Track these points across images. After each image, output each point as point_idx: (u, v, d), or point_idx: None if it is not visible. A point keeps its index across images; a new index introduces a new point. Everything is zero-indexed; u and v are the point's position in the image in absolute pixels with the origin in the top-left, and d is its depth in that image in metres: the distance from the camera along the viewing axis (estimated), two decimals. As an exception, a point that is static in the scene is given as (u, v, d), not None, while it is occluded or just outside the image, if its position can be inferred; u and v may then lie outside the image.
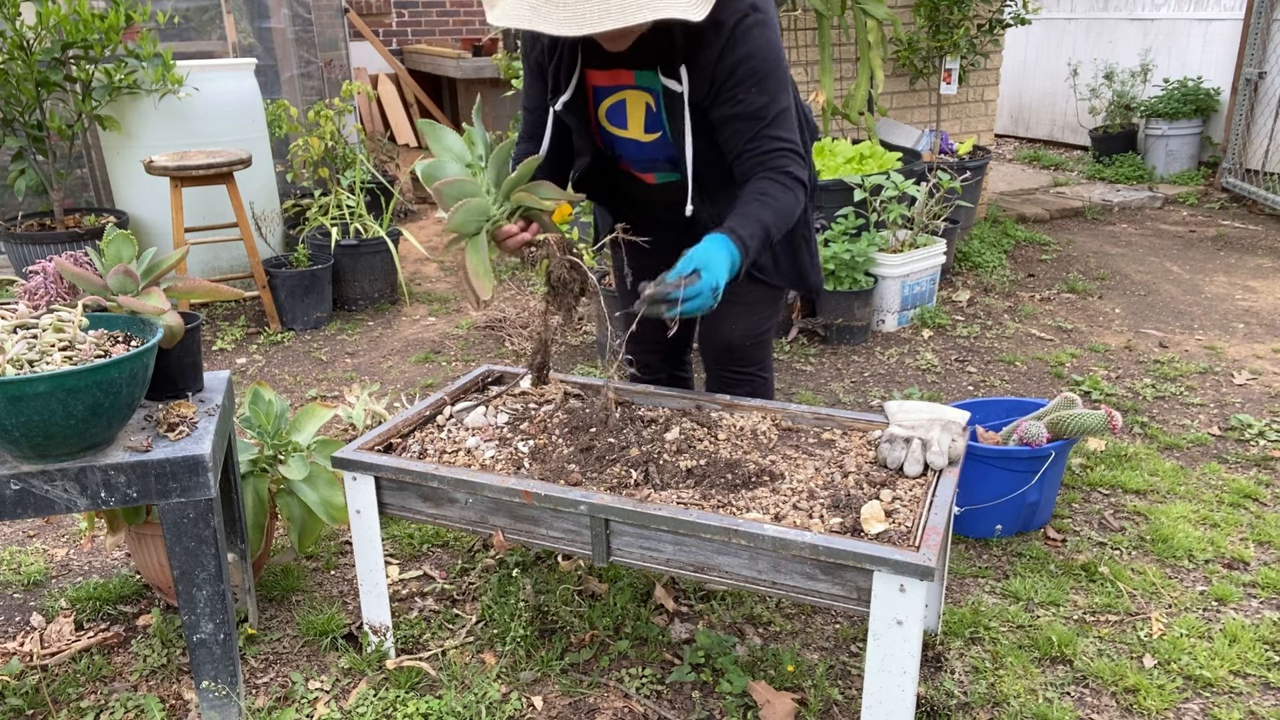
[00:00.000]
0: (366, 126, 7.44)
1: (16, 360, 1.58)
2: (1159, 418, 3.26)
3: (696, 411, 2.13)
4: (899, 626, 1.53)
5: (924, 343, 3.99)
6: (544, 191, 1.89)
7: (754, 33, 1.81)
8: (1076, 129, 8.09)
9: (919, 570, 1.48)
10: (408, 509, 1.96)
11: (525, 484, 1.80)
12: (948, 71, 5.11)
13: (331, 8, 5.82)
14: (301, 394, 3.58)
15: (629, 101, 1.99)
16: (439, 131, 1.89)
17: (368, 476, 1.94)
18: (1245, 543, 2.51)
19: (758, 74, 1.83)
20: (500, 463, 1.93)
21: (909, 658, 1.54)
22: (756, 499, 1.76)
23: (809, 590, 1.61)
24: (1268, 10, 6.11)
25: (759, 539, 1.59)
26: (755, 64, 1.82)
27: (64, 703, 1.99)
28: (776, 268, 2.19)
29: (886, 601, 1.53)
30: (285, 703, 1.98)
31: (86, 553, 2.57)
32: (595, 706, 1.95)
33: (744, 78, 1.83)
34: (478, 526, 1.90)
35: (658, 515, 1.67)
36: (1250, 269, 5.00)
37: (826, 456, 1.93)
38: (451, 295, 4.74)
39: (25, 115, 4.08)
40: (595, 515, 1.74)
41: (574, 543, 1.81)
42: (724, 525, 1.62)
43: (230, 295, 2.20)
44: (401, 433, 2.08)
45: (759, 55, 1.82)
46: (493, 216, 1.88)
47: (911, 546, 1.54)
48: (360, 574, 2.04)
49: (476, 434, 2.05)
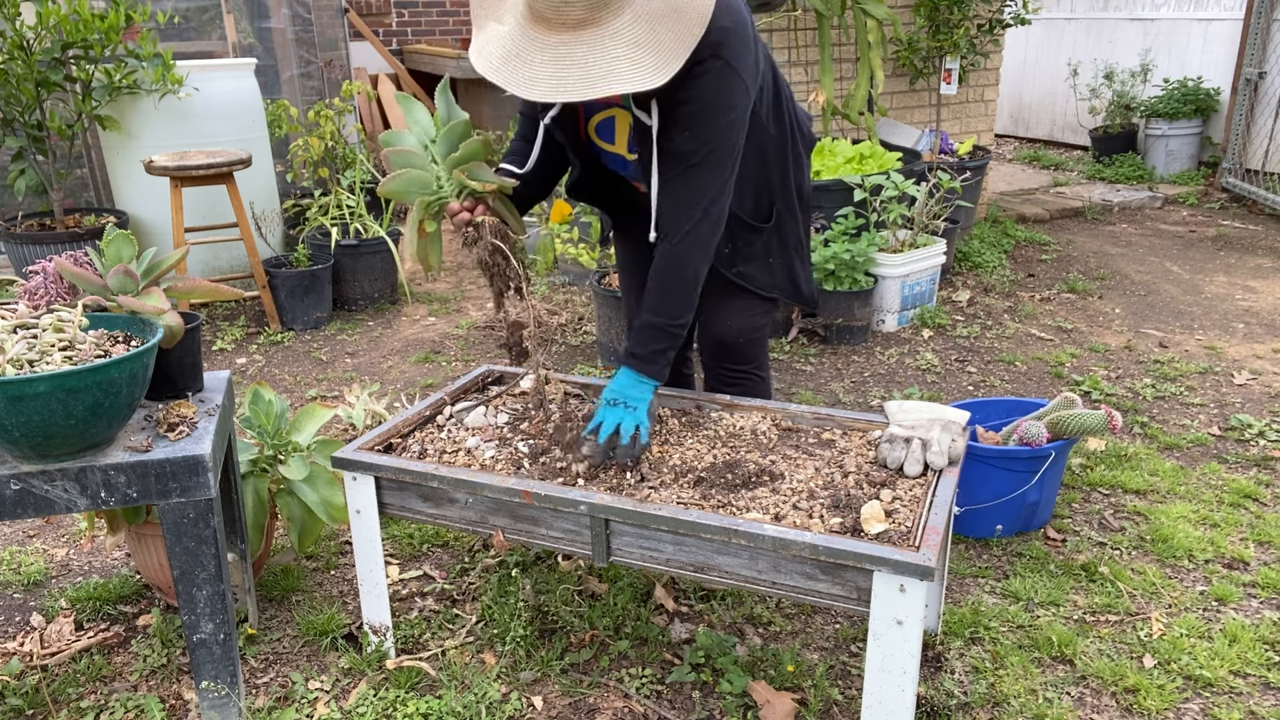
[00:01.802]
0: (366, 126, 7.44)
1: (16, 360, 1.58)
2: (1159, 418, 3.26)
3: (696, 411, 2.13)
4: (899, 626, 1.53)
5: (924, 343, 3.99)
6: (480, 173, 1.90)
7: (703, 80, 1.80)
8: (1076, 129, 8.09)
9: (919, 570, 1.48)
10: (408, 509, 1.96)
11: (525, 484, 1.80)
12: (948, 71, 5.11)
13: (331, 8, 5.82)
14: (301, 394, 3.58)
15: (618, 119, 2.01)
16: (411, 105, 1.92)
17: (368, 476, 1.94)
18: (1245, 543, 2.51)
19: (694, 118, 1.83)
20: (500, 463, 1.92)
21: (909, 658, 1.54)
22: (756, 499, 1.75)
23: (809, 590, 1.61)
24: (1268, 10, 6.11)
25: (759, 539, 1.59)
26: (693, 108, 1.82)
27: (64, 703, 1.99)
28: (771, 280, 2.20)
29: (886, 601, 1.52)
30: (285, 703, 1.98)
31: (86, 553, 2.57)
32: (595, 706, 1.95)
33: (681, 119, 1.83)
34: (478, 526, 1.90)
35: (658, 515, 1.67)
36: (1250, 269, 5.00)
37: (826, 457, 1.93)
38: (452, 295, 4.74)
39: (25, 115, 4.08)
40: (595, 515, 1.73)
41: (574, 543, 1.80)
42: (724, 525, 1.62)
43: (230, 295, 2.20)
44: (401, 433, 2.08)
45: (700, 100, 1.81)
46: (440, 191, 1.90)
47: (911, 546, 1.54)
48: (360, 574, 2.04)
49: (476, 434, 2.05)
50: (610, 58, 1.64)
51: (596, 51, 1.64)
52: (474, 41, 1.78)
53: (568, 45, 1.65)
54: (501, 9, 1.77)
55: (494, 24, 1.76)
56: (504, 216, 1.99)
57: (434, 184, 1.90)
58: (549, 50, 1.66)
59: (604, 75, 1.63)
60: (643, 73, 1.65)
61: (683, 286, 1.92)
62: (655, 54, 1.65)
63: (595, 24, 1.65)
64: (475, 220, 1.93)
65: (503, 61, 1.70)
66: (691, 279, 1.92)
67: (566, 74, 1.65)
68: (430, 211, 1.93)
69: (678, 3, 1.69)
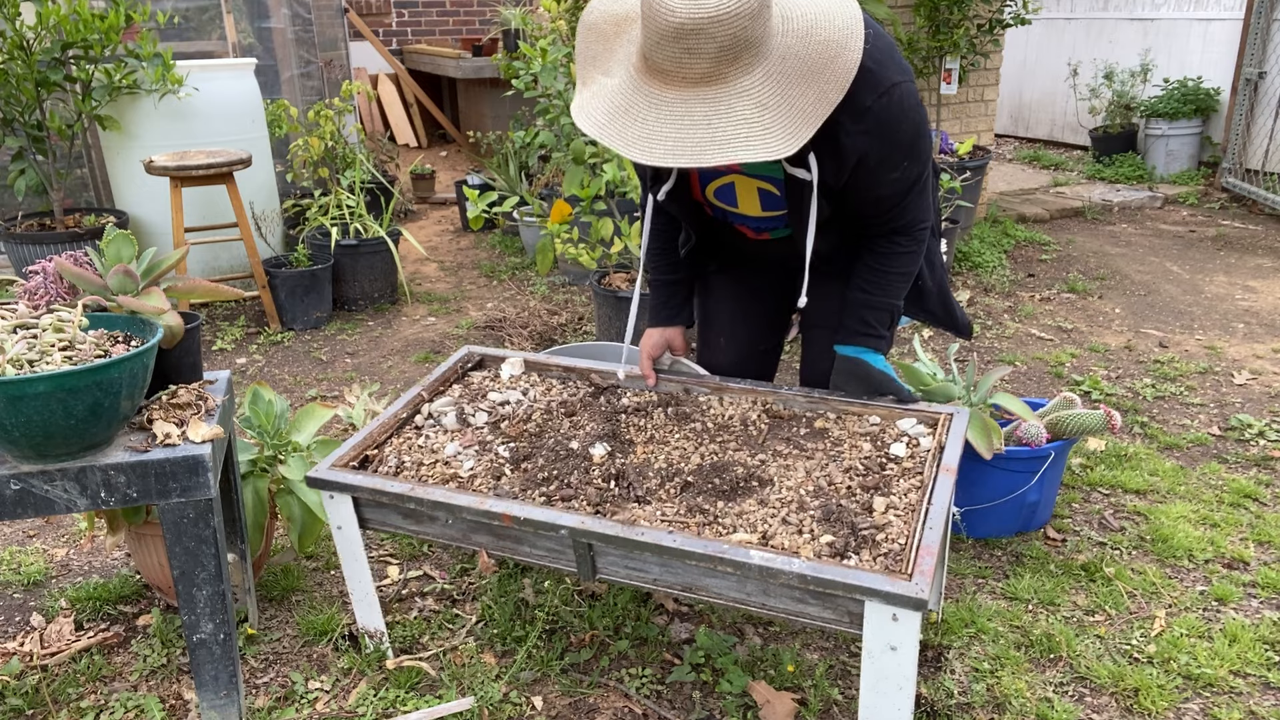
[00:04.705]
0: (366, 126, 7.44)
1: (16, 360, 1.58)
2: (1159, 418, 3.26)
3: (684, 395, 2.04)
4: (893, 651, 1.47)
5: (924, 342, 3.99)
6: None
7: (894, 110, 1.64)
8: (1076, 129, 8.09)
9: (912, 602, 1.41)
10: (389, 524, 1.90)
11: (504, 505, 1.72)
12: (948, 71, 5.11)
13: (331, 8, 5.82)
14: (301, 394, 3.58)
15: (738, 185, 1.86)
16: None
17: (344, 495, 1.88)
18: (1245, 543, 2.51)
19: (902, 149, 1.69)
20: (479, 476, 1.86)
21: (905, 679, 1.49)
22: (744, 515, 1.68)
23: (800, 613, 1.56)
24: (1268, 10, 6.10)
25: (745, 567, 1.52)
26: (898, 142, 1.68)
27: (64, 703, 1.99)
28: (926, 307, 2.13)
29: (879, 628, 1.47)
30: (285, 703, 1.98)
31: (86, 553, 2.57)
32: (595, 706, 1.95)
33: (883, 159, 1.68)
34: (461, 543, 1.84)
35: (640, 542, 1.59)
36: (1250, 269, 5.00)
37: (819, 454, 1.86)
38: (452, 295, 4.74)
39: (25, 115, 4.08)
40: (578, 540, 1.67)
41: (559, 560, 1.75)
42: (709, 553, 1.54)
43: (230, 295, 2.20)
44: (378, 441, 2.01)
45: (902, 132, 1.67)
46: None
47: (904, 574, 1.47)
48: (350, 585, 2.02)
49: (455, 438, 2.00)
50: (736, 120, 1.45)
51: (721, 112, 1.45)
52: (577, 98, 1.61)
53: (688, 103, 1.46)
54: (610, 61, 1.59)
55: (601, 77, 1.59)
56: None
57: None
58: (665, 108, 1.47)
59: (730, 140, 1.45)
60: (773, 140, 1.46)
61: (907, 278, 1.93)
62: (788, 119, 1.47)
63: (721, 80, 1.46)
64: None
65: (609, 119, 1.51)
66: (908, 277, 1.93)
67: (685, 136, 1.46)
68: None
69: (818, 60, 1.50)
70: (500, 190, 5.54)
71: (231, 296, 2.24)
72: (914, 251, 1.89)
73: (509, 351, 2.30)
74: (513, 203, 3.88)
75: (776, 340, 2.30)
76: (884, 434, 1.93)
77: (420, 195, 6.61)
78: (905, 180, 1.76)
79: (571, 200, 3.75)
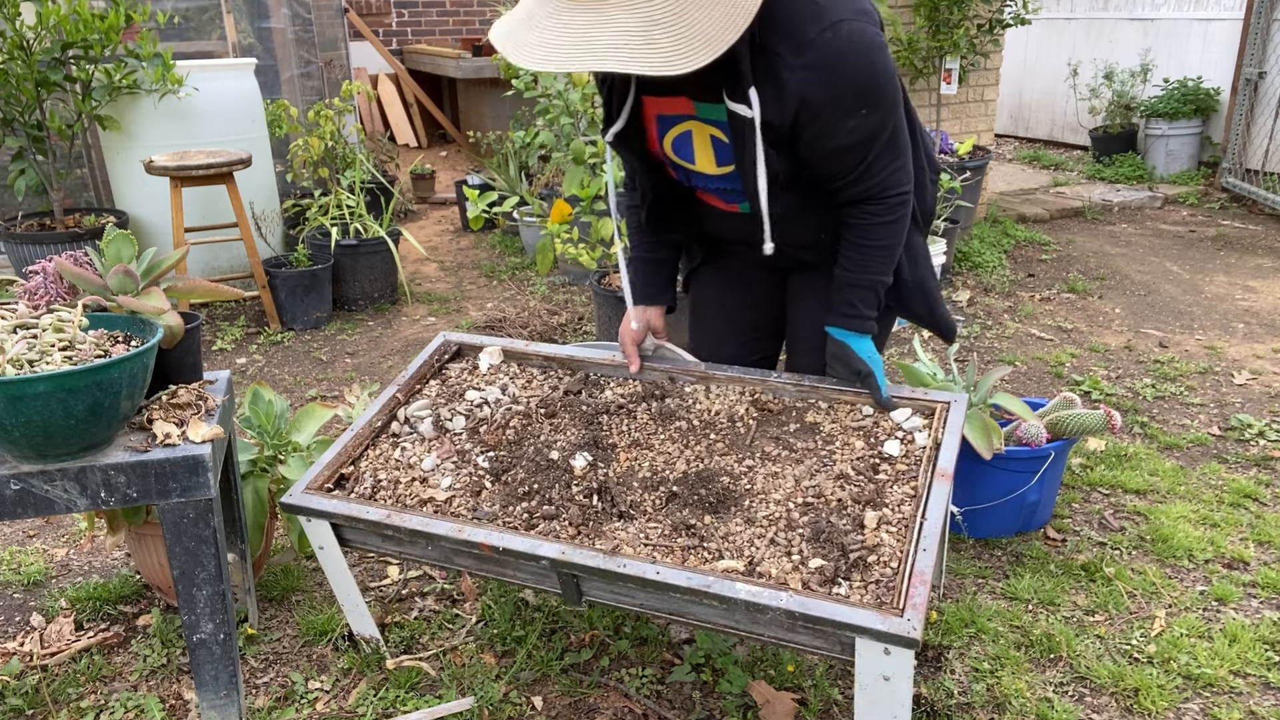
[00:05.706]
0: (366, 126, 7.44)
1: (16, 360, 1.58)
2: (1159, 418, 3.26)
3: (669, 385, 1.97)
4: (886, 682, 1.43)
5: (924, 342, 3.99)
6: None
7: (840, 45, 1.56)
8: (1076, 129, 8.09)
9: (903, 641, 1.36)
10: (370, 546, 1.87)
11: (483, 534, 1.66)
12: (948, 71, 5.11)
13: (331, 8, 5.82)
14: (301, 394, 3.58)
15: (695, 133, 1.78)
16: None
17: (322, 520, 1.84)
18: (1245, 543, 2.51)
19: (853, 92, 1.60)
20: (458, 494, 1.80)
21: (900, 705, 1.45)
22: (730, 536, 1.62)
23: (791, 640, 1.51)
24: (1268, 10, 6.11)
25: (732, 601, 1.47)
26: (848, 83, 1.59)
27: (64, 703, 1.99)
28: (907, 304, 2.01)
29: (871, 661, 1.42)
30: (285, 703, 1.98)
31: (86, 553, 2.57)
32: (595, 706, 1.95)
33: (833, 103, 1.60)
34: (444, 564, 1.81)
35: (623, 574, 1.54)
36: (1250, 269, 5.00)
37: (809, 457, 1.80)
38: (452, 295, 4.74)
39: (25, 115, 4.08)
40: (560, 571, 1.62)
41: (543, 583, 1.71)
42: (693, 586, 1.48)
43: (230, 295, 2.20)
44: (353, 456, 1.94)
45: (853, 71, 1.58)
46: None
47: (895, 609, 1.41)
48: (339, 598, 2.02)
49: (433, 448, 1.94)
50: (615, 30, 1.40)
51: (602, 22, 1.41)
52: (497, 28, 1.58)
53: (575, 12, 1.43)
54: None
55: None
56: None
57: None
58: (557, 17, 1.44)
59: (605, 49, 1.40)
60: (661, 56, 1.39)
61: (894, 250, 1.83)
62: (681, 39, 1.40)
63: None
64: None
65: (511, 27, 1.50)
66: (895, 249, 1.83)
67: (564, 42, 1.43)
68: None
69: None
70: (500, 190, 5.54)
71: (231, 296, 2.24)
72: (890, 221, 1.78)
73: (487, 339, 2.25)
74: (513, 203, 3.88)
75: (767, 353, 2.23)
76: (877, 427, 1.85)
77: (420, 195, 6.61)
78: (864, 131, 1.65)
79: (571, 200, 3.75)
